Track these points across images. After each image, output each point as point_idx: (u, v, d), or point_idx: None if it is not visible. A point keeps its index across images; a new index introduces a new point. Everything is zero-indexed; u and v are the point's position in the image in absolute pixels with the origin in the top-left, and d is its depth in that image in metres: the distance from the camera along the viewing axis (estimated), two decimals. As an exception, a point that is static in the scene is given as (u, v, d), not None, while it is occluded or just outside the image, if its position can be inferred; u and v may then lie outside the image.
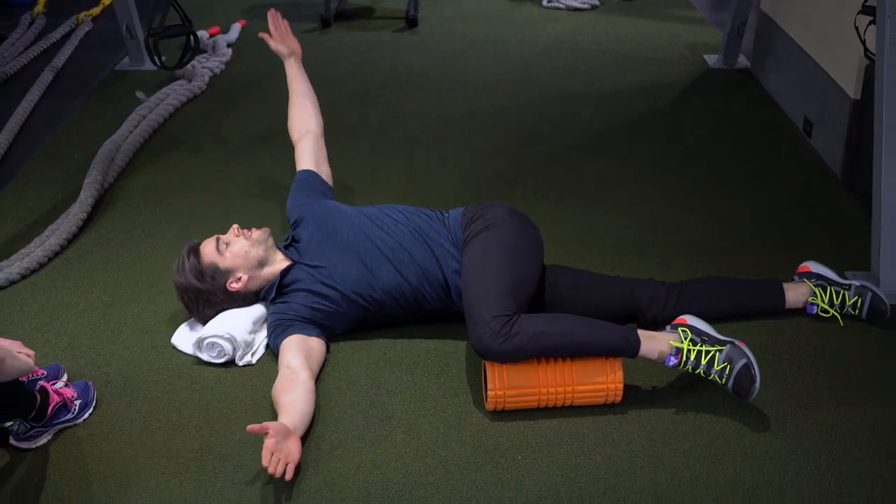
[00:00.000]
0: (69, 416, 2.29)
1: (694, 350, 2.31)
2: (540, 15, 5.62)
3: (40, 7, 5.54)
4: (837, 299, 2.65)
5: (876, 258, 2.76)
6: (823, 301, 2.66)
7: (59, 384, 2.35)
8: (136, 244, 3.14)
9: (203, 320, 2.60)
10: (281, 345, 2.45)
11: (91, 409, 2.35)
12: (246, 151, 3.83)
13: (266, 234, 2.64)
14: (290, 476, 2.05)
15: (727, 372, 2.28)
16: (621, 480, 2.13)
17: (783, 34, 4.10)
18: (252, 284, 2.59)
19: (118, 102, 4.25)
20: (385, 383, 2.45)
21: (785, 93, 4.12)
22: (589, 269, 2.74)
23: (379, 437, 2.27)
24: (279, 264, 2.62)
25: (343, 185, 3.28)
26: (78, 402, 2.31)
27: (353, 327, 2.60)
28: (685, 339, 2.33)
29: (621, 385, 2.31)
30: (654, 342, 2.32)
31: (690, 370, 2.32)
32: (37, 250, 3.02)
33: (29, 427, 2.22)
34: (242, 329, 2.52)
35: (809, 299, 2.67)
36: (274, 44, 3.13)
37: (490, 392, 2.29)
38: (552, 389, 2.28)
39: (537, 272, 2.56)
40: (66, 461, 2.20)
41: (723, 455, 2.20)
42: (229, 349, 2.50)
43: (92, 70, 4.72)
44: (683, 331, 2.35)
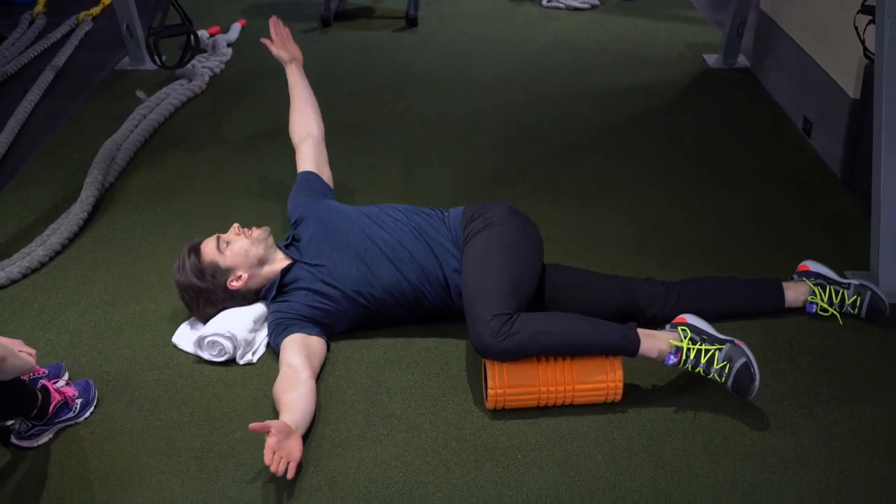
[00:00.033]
0: (70, 415, 2.29)
1: (693, 349, 2.31)
2: (540, 14, 5.63)
3: (40, 7, 5.54)
4: (837, 298, 2.65)
5: (875, 257, 2.76)
6: (823, 300, 2.66)
7: (61, 383, 2.35)
8: (137, 243, 3.14)
9: (204, 319, 2.60)
10: (282, 344, 2.45)
11: (92, 408, 2.36)
12: (246, 151, 3.83)
13: (266, 233, 2.64)
14: (292, 475, 2.06)
15: (727, 370, 2.28)
16: (621, 479, 2.13)
17: (783, 34, 4.11)
18: (252, 283, 2.60)
19: (119, 102, 4.25)
20: (385, 382, 2.46)
21: (784, 92, 4.12)
22: (589, 269, 2.74)
23: (379, 436, 2.27)
24: (280, 263, 2.62)
25: (343, 185, 3.28)
26: (79, 401, 2.32)
27: (354, 326, 2.60)
28: (685, 338, 2.33)
29: (621, 384, 2.31)
30: (654, 341, 2.33)
31: (690, 369, 2.32)
32: (38, 249, 3.03)
33: (30, 426, 2.23)
34: (243, 328, 2.53)
35: (809, 298, 2.68)
36: (276, 50, 3.15)
37: (490, 391, 2.29)
38: (552, 388, 2.29)
39: (537, 271, 2.56)
40: (68, 460, 2.21)
41: (722, 453, 2.20)
42: (230, 348, 2.50)
43: (92, 69, 4.72)
44: (683, 329, 2.35)
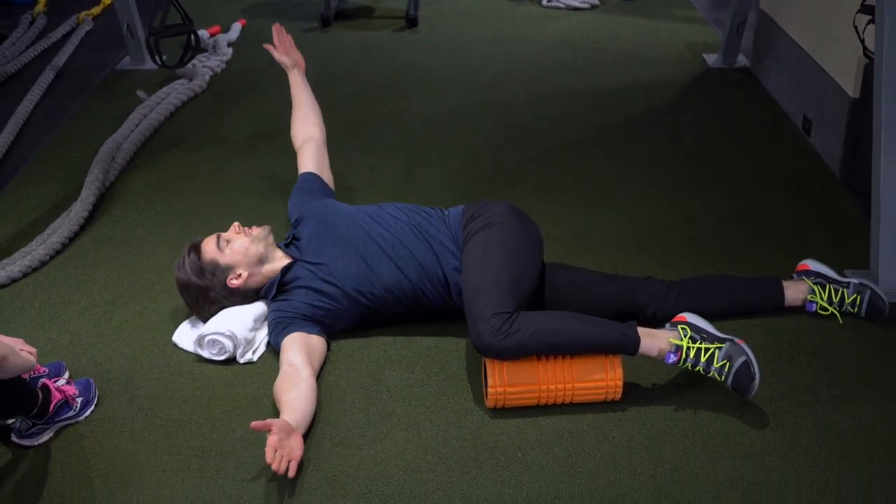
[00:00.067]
0: (71, 414, 2.30)
1: (693, 347, 2.31)
2: (540, 14, 5.63)
3: (41, 6, 5.55)
4: (836, 297, 2.66)
5: (875, 256, 2.77)
6: (822, 299, 2.66)
7: (61, 382, 2.35)
8: (137, 242, 3.14)
9: (204, 318, 2.60)
10: (282, 342, 2.46)
11: (92, 407, 2.36)
12: (247, 150, 3.83)
13: (266, 232, 2.64)
14: (293, 473, 2.06)
15: (726, 369, 2.28)
16: (621, 477, 2.14)
17: (782, 33, 4.11)
18: (252, 281, 2.60)
19: (119, 101, 4.26)
20: (385, 381, 2.46)
21: (784, 92, 4.13)
22: (588, 268, 2.75)
23: (379, 435, 2.27)
24: (280, 262, 2.62)
25: (343, 184, 3.29)
26: (79, 400, 2.32)
27: (354, 325, 2.60)
28: (685, 337, 2.33)
29: (621, 382, 2.31)
30: (654, 339, 2.33)
31: (690, 367, 2.33)
32: (38, 248, 3.03)
33: (31, 424, 2.23)
34: (243, 326, 2.53)
35: (808, 297, 2.68)
36: (278, 55, 3.18)
37: (490, 389, 2.29)
38: (552, 386, 2.29)
39: (537, 270, 2.56)
40: (68, 458, 2.21)
41: (722, 452, 2.20)
42: (230, 346, 2.50)
43: (93, 69, 4.72)
44: (683, 328, 2.35)
